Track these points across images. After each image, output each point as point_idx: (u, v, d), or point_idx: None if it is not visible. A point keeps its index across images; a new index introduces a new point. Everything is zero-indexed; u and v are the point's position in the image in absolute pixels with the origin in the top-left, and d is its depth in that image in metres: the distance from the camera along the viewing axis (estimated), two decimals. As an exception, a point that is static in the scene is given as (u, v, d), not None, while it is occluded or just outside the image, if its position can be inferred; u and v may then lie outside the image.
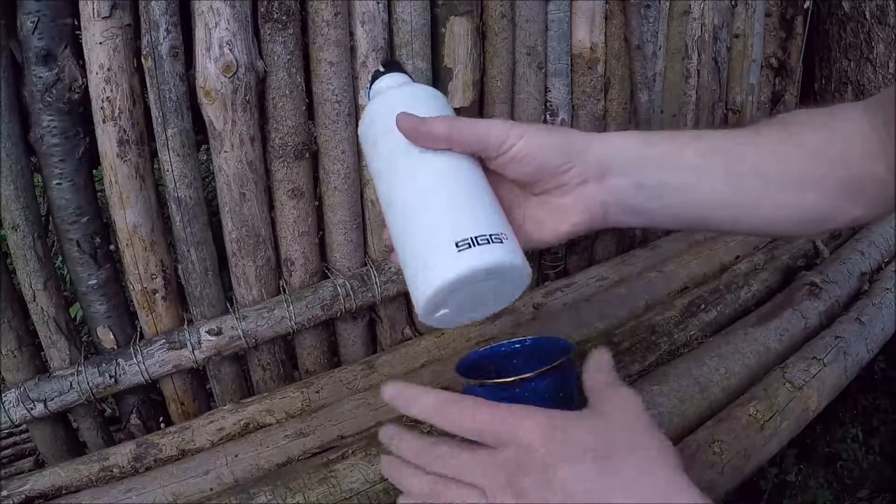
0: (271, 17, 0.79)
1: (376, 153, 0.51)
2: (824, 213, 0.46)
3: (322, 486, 0.70)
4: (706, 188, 0.45)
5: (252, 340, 0.88)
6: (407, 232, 0.46)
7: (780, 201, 0.45)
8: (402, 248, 0.47)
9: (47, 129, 0.73)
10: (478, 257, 0.42)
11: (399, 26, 0.88)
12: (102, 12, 0.70)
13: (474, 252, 0.42)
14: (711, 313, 1.02)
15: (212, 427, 0.84)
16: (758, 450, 0.78)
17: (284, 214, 0.89)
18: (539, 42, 1.02)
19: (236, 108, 0.78)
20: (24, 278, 0.78)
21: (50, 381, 0.81)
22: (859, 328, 0.97)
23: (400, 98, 0.51)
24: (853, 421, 1.13)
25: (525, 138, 0.45)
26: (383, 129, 0.49)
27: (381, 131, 0.50)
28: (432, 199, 0.46)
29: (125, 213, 0.79)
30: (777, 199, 0.45)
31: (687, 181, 0.45)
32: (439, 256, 0.43)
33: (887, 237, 1.19)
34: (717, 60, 1.30)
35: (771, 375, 0.88)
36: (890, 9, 1.30)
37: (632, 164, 0.45)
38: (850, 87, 1.40)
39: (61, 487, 0.78)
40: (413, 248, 0.45)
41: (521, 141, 0.45)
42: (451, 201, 0.46)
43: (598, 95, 1.12)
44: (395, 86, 0.53)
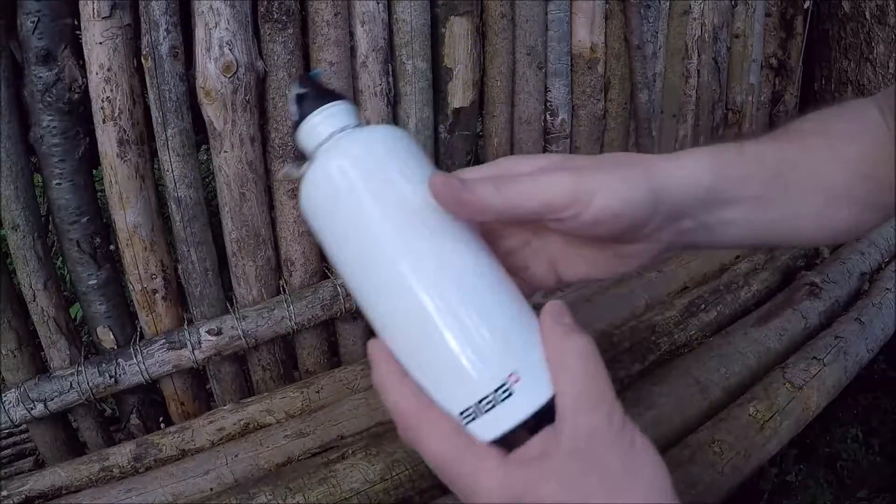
0: (271, 17, 0.79)
1: (349, 234, 0.37)
2: (855, 226, 0.45)
3: (322, 486, 0.70)
4: (762, 218, 0.43)
5: (252, 340, 0.88)
6: (409, 350, 0.36)
7: (820, 220, 0.44)
8: (403, 357, 0.37)
9: (47, 129, 0.73)
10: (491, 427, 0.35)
11: (399, 26, 0.88)
12: (102, 12, 0.70)
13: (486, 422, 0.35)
14: (711, 313, 1.02)
15: (212, 427, 0.84)
16: (758, 450, 0.78)
17: (284, 214, 0.89)
18: (539, 42, 1.02)
19: (236, 108, 0.78)
20: (24, 278, 0.78)
21: (50, 381, 0.81)
22: (859, 328, 0.97)
23: (369, 150, 0.37)
24: (853, 421, 1.13)
25: (602, 195, 0.36)
26: (363, 199, 0.36)
27: (360, 203, 0.36)
28: (436, 320, 0.35)
29: (125, 213, 0.79)
30: (818, 218, 0.44)
31: (747, 216, 0.43)
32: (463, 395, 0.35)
33: (887, 237, 1.19)
34: (717, 60, 1.30)
35: (771, 375, 0.88)
36: (890, 9, 1.30)
37: (700, 205, 0.41)
38: (850, 87, 1.40)
39: (61, 487, 0.78)
40: (422, 371, 0.36)
41: (599, 199, 0.36)
42: (463, 328, 0.35)
43: (598, 95, 1.12)
44: (350, 129, 0.39)
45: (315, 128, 0.38)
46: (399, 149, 0.38)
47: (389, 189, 0.36)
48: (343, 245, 0.37)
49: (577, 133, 1.13)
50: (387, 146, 0.37)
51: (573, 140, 1.13)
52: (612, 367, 0.89)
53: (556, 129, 1.09)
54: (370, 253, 0.36)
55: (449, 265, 0.36)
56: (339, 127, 0.38)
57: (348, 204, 0.36)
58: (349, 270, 0.38)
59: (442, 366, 0.35)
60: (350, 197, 0.36)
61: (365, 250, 0.36)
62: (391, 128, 0.39)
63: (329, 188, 0.37)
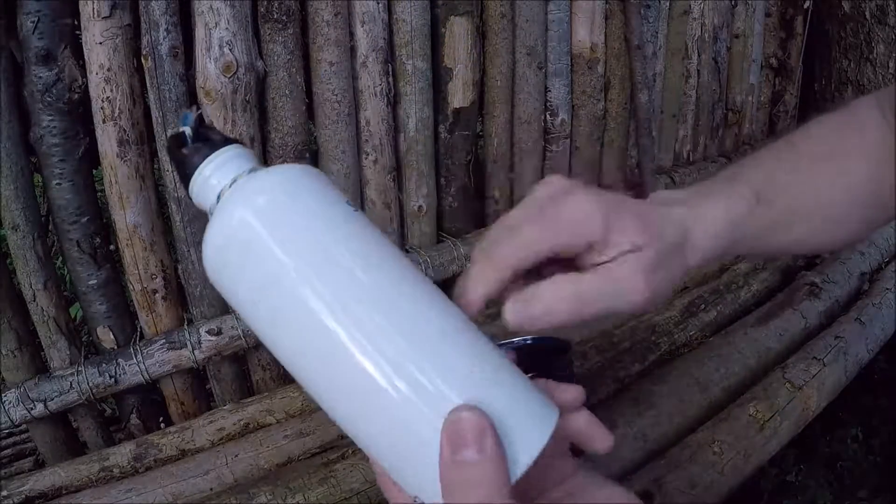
0: (271, 17, 0.79)
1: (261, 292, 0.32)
2: (864, 232, 0.47)
3: (322, 486, 0.70)
4: (768, 245, 0.44)
5: (252, 340, 0.88)
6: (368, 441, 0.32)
7: (835, 231, 0.46)
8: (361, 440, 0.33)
9: (47, 129, 0.73)
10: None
11: (399, 26, 0.88)
12: (102, 12, 0.70)
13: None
14: (711, 313, 1.02)
15: (212, 427, 0.84)
16: (758, 450, 0.78)
17: (284, 214, 0.88)
18: (539, 42, 1.02)
19: (236, 108, 0.78)
20: (24, 278, 0.78)
21: (50, 381, 0.81)
22: (859, 328, 0.97)
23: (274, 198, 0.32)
24: (853, 421, 1.12)
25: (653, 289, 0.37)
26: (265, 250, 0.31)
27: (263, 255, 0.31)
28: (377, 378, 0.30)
29: (125, 213, 0.79)
30: (833, 229, 0.45)
31: (758, 245, 0.44)
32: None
33: (887, 237, 1.19)
34: (717, 60, 1.30)
35: (771, 375, 0.88)
36: (890, 9, 1.30)
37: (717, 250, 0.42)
38: (850, 87, 1.40)
39: (61, 487, 0.78)
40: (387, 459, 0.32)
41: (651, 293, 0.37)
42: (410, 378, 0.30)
43: (598, 95, 1.12)
44: (245, 174, 0.34)
45: (207, 181, 0.34)
46: (304, 188, 0.33)
47: (299, 235, 0.32)
48: (256, 306, 0.32)
49: (577, 133, 1.13)
50: (291, 187, 0.33)
51: (573, 140, 1.13)
52: (613, 367, 0.89)
53: (556, 129, 1.09)
54: (286, 310, 0.31)
55: (375, 307, 0.31)
56: (232, 177, 0.33)
57: (255, 259, 0.31)
58: (266, 334, 0.33)
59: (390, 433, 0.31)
60: (256, 251, 0.31)
61: (280, 308, 0.31)
62: (292, 167, 0.34)
63: (232, 245, 0.32)
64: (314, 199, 0.33)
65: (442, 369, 0.30)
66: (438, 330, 0.31)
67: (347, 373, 0.30)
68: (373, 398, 0.30)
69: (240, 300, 0.33)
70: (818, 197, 0.44)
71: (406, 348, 0.30)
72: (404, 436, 0.30)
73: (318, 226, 0.32)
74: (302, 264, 0.31)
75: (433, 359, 0.30)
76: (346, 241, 0.32)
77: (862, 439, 1.10)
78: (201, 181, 0.34)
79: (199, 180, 0.34)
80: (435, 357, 0.30)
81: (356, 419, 0.32)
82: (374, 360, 0.30)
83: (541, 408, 0.32)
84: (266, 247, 0.31)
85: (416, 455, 0.30)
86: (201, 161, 0.34)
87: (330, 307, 0.30)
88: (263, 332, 0.33)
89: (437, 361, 0.30)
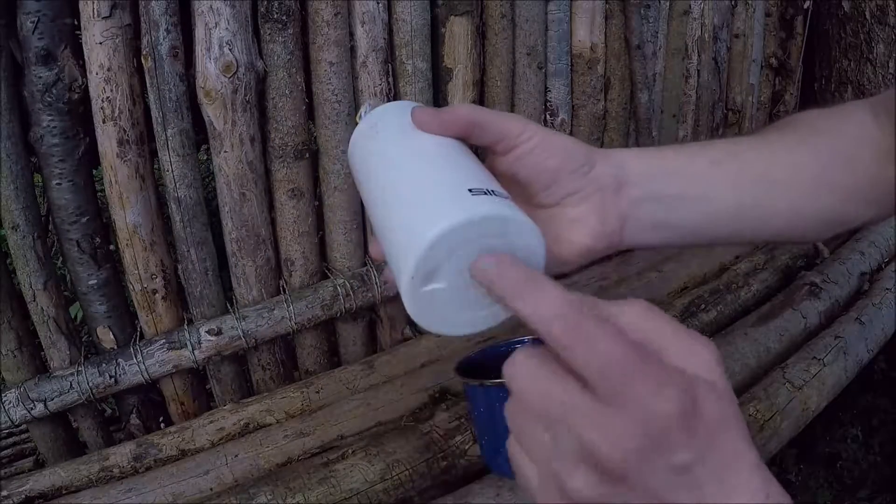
0: (271, 17, 0.79)
1: (364, 161, 0.46)
2: (838, 217, 0.46)
3: (322, 486, 0.70)
4: (720, 197, 0.44)
5: (252, 340, 0.88)
6: (402, 196, 0.39)
7: (795, 207, 0.45)
8: (392, 217, 0.39)
9: (47, 129, 0.73)
10: (496, 205, 0.35)
11: (399, 26, 0.88)
12: (102, 12, 0.70)
13: (491, 199, 0.36)
14: (711, 313, 1.02)
15: (212, 427, 0.84)
16: (758, 450, 0.78)
17: (284, 214, 0.89)
18: (539, 42, 1.02)
19: (236, 108, 0.78)
20: (24, 278, 0.78)
21: (50, 381, 0.81)
22: (859, 328, 0.97)
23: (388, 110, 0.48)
24: (853, 421, 1.13)
25: (542, 133, 0.42)
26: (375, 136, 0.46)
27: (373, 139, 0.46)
28: (438, 160, 0.41)
29: (125, 213, 0.79)
30: (792, 205, 0.45)
31: (701, 191, 0.44)
32: (448, 200, 0.36)
33: (887, 237, 1.19)
34: (717, 60, 1.30)
35: (771, 375, 0.88)
36: (890, 9, 1.30)
37: (646, 175, 0.44)
38: (850, 87, 1.40)
39: (61, 487, 0.78)
40: (410, 203, 0.38)
41: (539, 136, 0.42)
42: (460, 164, 0.41)
43: (598, 95, 1.12)
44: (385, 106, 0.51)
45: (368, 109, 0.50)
46: (406, 107, 0.47)
47: (389, 128, 0.46)
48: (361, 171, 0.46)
49: (577, 133, 1.13)
50: (397, 106, 0.48)
51: (573, 140, 1.13)
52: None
53: (556, 129, 1.10)
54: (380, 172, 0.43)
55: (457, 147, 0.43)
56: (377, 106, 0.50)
57: (366, 140, 0.47)
58: (363, 190, 0.45)
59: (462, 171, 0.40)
60: (366, 136, 0.47)
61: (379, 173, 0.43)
62: (409, 101, 0.51)
63: (360, 131, 0.48)
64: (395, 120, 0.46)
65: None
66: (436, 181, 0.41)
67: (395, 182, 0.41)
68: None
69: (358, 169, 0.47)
70: (771, 156, 0.44)
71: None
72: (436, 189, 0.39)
73: (406, 129, 0.45)
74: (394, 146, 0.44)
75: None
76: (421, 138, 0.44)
77: (862, 439, 1.10)
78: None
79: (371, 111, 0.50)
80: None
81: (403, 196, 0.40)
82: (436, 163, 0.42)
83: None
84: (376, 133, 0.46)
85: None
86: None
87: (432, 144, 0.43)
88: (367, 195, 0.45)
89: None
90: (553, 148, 0.42)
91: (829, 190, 0.44)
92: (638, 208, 0.44)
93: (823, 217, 0.45)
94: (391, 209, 0.40)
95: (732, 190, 0.44)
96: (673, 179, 0.44)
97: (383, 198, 0.41)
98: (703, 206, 0.44)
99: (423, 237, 0.34)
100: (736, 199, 0.44)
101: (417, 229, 0.35)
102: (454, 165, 0.41)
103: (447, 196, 0.37)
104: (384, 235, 0.40)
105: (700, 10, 1.22)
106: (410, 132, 0.44)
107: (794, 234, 0.47)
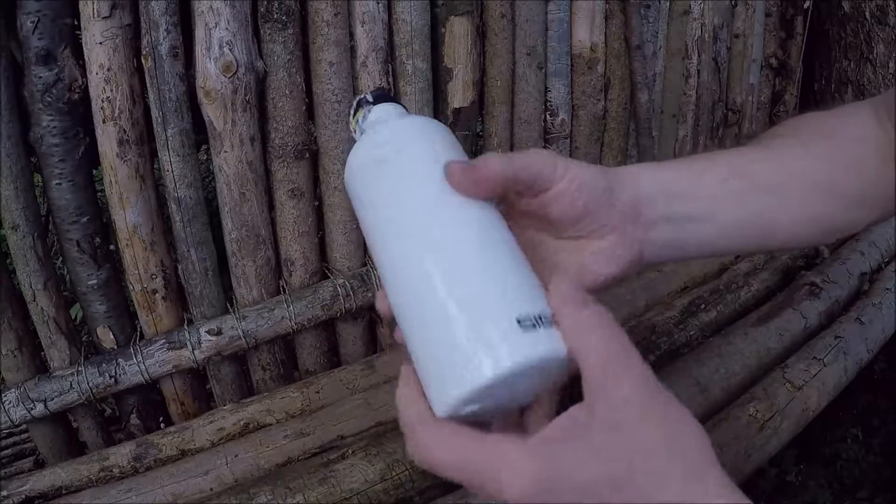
0: (271, 17, 0.79)
1: (379, 199, 0.40)
2: (844, 223, 0.45)
3: (322, 486, 0.70)
4: (728, 214, 0.44)
5: (252, 340, 0.88)
6: (437, 297, 0.35)
7: (801, 216, 0.44)
8: (425, 316, 0.36)
9: (47, 129, 0.73)
10: (546, 345, 0.33)
11: (399, 26, 0.88)
12: (102, 12, 0.70)
13: (540, 337, 0.33)
14: (711, 313, 1.02)
15: (212, 427, 0.84)
16: (758, 450, 0.78)
17: (284, 214, 0.89)
18: (539, 42, 1.02)
19: (236, 108, 0.78)
20: (24, 278, 0.78)
21: (50, 381, 0.81)
22: (859, 328, 0.97)
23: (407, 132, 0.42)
24: (853, 421, 1.12)
25: (571, 171, 0.41)
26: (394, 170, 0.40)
27: (390, 173, 0.40)
28: (477, 258, 0.36)
29: (125, 213, 0.79)
30: (798, 214, 0.44)
31: (709, 211, 0.44)
32: (499, 336, 0.33)
33: (887, 237, 1.19)
34: (717, 60, 1.29)
35: (771, 375, 0.88)
36: (890, 9, 1.30)
37: (657, 197, 0.43)
38: (850, 87, 1.40)
39: (61, 487, 0.78)
40: (450, 316, 0.34)
41: (570, 171, 0.40)
42: (503, 264, 0.37)
43: (598, 95, 1.12)
44: (394, 116, 0.45)
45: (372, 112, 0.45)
46: (430, 133, 0.42)
47: (414, 165, 0.40)
48: (371, 210, 0.41)
49: (577, 133, 1.13)
50: (421, 130, 0.42)
51: (573, 140, 1.13)
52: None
53: (556, 129, 1.09)
54: (389, 217, 0.40)
55: (490, 220, 0.39)
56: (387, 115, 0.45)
57: (380, 171, 0.41)
58: (372, 233, 0.41)
59: (508, 279, 0.36)
60: (382, 165, 0.41)
61: (386, 215, 0.40)
62: (428, 119, 0.44)
63: (369, 154, 0.42)
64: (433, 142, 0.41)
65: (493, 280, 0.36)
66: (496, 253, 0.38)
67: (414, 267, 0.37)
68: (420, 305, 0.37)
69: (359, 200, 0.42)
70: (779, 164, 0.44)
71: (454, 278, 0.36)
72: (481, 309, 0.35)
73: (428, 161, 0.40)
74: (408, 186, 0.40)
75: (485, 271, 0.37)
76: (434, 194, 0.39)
77: (862, 439, 1.10)
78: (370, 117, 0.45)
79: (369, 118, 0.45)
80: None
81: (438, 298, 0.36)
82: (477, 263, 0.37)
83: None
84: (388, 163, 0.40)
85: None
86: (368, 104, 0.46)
87: (464, 224, 0.38)
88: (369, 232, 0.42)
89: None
90: (584, 186, 0.41)
91: (834, 197, 0.44)
92: (653, 231, 0.44)
93: (829, 225, 0.45)
94: (423, 300, 0.36)
95: (740, 208, 0.44)
96: (682, 201, 0.44)
97: (407, 272, 0.37)
98: (711, 225, 0.44)
99: (466, 380, 0.33)
100: (743, 216, 0.44)
101: (459, 362, 0.33)
102: (498, 264, 0.37)
103: (496, 329, 0.33)
104: (408, 319, 0.38)
105: (700, 10, 1.22)
106: (433, 181, 0.39)
107: (801, 241, 0.47)
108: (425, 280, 0.36)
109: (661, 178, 0.44)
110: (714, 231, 0.44)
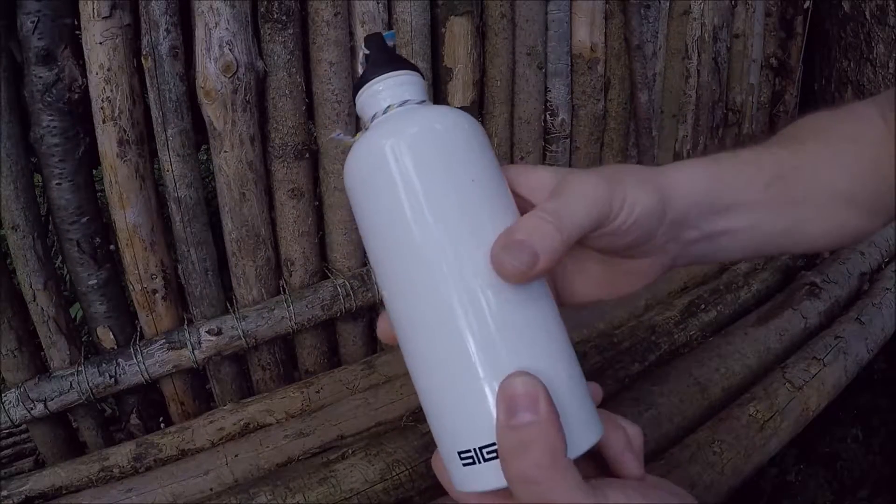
0: (271, 17, 0.79)
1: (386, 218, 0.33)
2: (862, 229, 0.45)
3: (322, 486, 0.70)
4: (767, 225, 0.43)
5: (252, 340, 0.88)
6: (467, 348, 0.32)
7: (826, 225, 0.44)
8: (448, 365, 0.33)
9: (47, 129, 0.73)
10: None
11: (399, 26, 0.88)
12: (102, 12, 0.70)
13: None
14: (711, 313, 1.02)
15: (212, 427, 0.84)
16: (758, 450, 0.78)
17: (284, 214, 0.89)
18: (539, 42, 1.02)
19: (236, 108, 0.78)
20: (24, 278, 0.78)
21: (50, 381, 0.81)
22: (859, 328, 0.97)
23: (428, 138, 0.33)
24: (853, 421, 1.12)
25: (628, 198, 0.36)
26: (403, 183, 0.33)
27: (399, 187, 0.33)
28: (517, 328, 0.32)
29: (125, 213, 0.79)
30: (824, 223, 0.44)
31: (748, 222, 0.42)
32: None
33: (887, 237, 1.19)
34: (717, 60, 1.29)
35: (771, 375, 0.88)
36: (890, 9, 1.30)
37: (700, 212, 0.41)
38: (850, 87, 1.40)
39: (61, 487, 0.78)
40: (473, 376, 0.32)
41: (626, 204, 0.36)
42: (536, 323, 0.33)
43: (598, 95, 1.12)
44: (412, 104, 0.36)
45: (375, 95, 0.36)
46: (458, 139, 0.34)
47: (437, 183, 0.33)
48: (375, 228, 0.34)
49: (577, 133, 1.13)
50: (446, 134, 0.33)
51: (573, 140, 1.13)
52: (613, 367, 0.89)
53: (556, 129, 1.10)
54: (401, 243, 0.33)
55: (479, 275, 0.32)
56: (400, 100, 0.35)
57: (391, 188, 0.33)
58: (377, 255, 0.35)
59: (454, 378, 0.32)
60: (395, 181, 0.33)
61: (396, 239, 0.33)
62: (455, 113, 0.34)
63: (376, 165, 0.33)
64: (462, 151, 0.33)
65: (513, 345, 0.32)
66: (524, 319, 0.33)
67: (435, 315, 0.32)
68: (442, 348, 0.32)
69: (363, 216, 0.35)
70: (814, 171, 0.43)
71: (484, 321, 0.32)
72: (462, 395, 0.32)
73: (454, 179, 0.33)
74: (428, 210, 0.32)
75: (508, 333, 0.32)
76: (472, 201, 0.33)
77: (862, 439, 1.10)
78: (369, 94, 0.36)
79: (368, 93, 0.36)
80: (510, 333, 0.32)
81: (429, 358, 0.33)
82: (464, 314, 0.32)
83: (591, 416, 0.33)
84: (403, 180, 0.32)
85: (473, 418, 0.31)
86: (376, 75, 0.36)
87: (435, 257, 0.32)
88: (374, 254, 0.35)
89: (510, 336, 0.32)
90: (640, 220, 0.37)
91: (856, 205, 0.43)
92: (689, 248, 0.42)
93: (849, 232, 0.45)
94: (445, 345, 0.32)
95: (777, 219, 0.43)
96: (725, 217, 0.42)
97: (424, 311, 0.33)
98: (745, 236, 0.43)
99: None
100: (778, 227, 0.43)
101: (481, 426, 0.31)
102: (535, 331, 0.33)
103: None
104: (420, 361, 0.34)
105: (700, 10, 1.22)
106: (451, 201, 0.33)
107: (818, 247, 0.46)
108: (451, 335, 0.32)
109: (709, 189, 0.41)
110: (745, 240, 0.43)
